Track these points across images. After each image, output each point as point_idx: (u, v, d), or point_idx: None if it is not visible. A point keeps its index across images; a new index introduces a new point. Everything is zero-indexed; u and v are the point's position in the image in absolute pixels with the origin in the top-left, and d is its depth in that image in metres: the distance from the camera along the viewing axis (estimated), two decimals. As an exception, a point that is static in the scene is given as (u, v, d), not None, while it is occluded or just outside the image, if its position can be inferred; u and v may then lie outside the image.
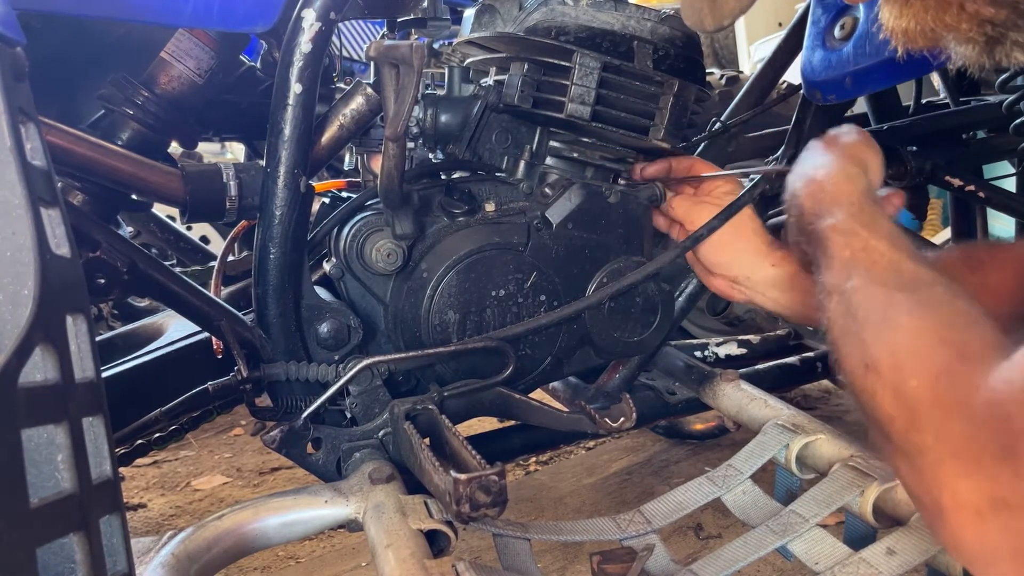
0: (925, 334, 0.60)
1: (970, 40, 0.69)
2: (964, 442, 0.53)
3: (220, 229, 2.86)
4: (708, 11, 0.76)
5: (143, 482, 2.19)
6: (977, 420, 0.53)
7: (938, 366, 0.57)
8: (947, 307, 0.63)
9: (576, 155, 1.08)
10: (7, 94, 0.51)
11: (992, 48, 0.68)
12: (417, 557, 0.75)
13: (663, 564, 0.92)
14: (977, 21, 0.67)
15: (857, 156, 0.89)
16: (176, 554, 0.77)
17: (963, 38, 0.69)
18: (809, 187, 0.86)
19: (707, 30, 0.79)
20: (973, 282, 0.91)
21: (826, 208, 0.80)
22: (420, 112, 1.04)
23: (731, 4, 0.74)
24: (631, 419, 0.96)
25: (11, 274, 0.48)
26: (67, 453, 0.50)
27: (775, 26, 4.66)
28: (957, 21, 0.67)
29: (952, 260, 0.94)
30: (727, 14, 0.75)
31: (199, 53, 1.13)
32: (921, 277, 0.67)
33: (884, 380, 0.60)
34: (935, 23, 0.69)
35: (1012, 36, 0.67)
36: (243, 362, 0.95)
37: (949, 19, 0.67)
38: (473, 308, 1.02)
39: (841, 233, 0.75)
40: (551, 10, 1.01)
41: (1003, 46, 0.68)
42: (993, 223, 2.00)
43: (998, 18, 0.66)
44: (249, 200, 1.00)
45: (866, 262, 0.71)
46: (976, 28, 0.67)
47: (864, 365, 0.62)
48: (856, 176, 0.85)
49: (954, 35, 0.69)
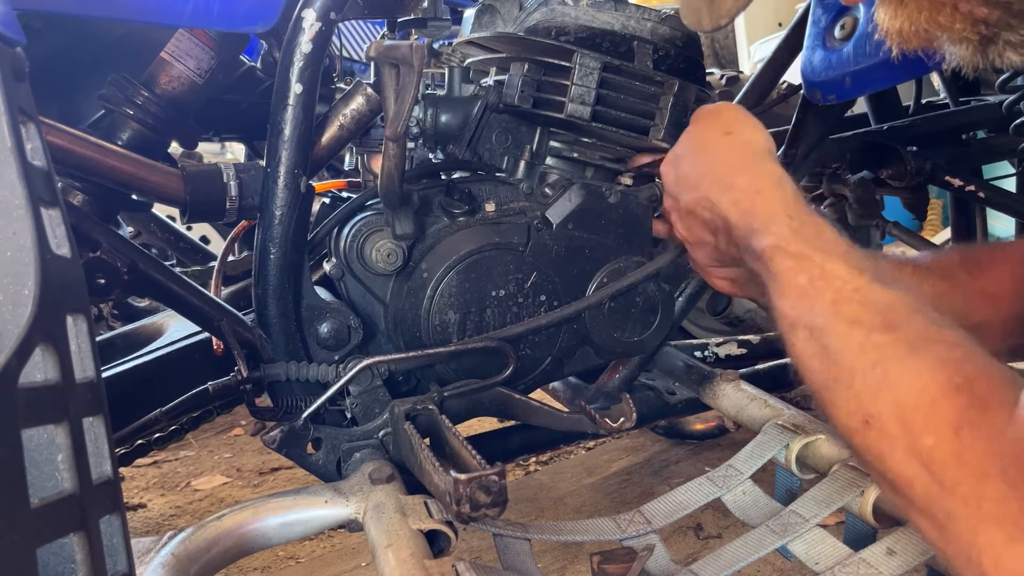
0: (928, 383, 0.56)
1: (964, 40, 0.69)
2: (1001, 505, 0.49)
3: (220, 229, 2.86)
4: (706, 11, 0.77)
5: (143, 482, 2.19)
6: (1011, 477, 0.49)
7: (953, 419, 0.53)
8: (938, 345, 0.58)
9: (576, 155, 1.08)
10: (7, 94, 0.51)
11: (986, 48, 0.68)
12: (417, 557, 0.75)
13: (663, 564, 0.92)
14: (971, 21, 0.67)
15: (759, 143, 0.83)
16: (176, 554, 0.77)
17: (957, 38, 0.69)
18: (730, 196, 0.79)
19: (705, 30, 0.80)
20: (972, 287, 0.91)
21: (760, 223, 0.75)
22: (420, 112, 1.04)
23: (728, 4, 0.74)
24: (631, 419, 0.96)
25: (11, 274, 0.48)
26: (67, 453, 0.50)
27: (775, 26, 4.66)
28: (951, 21, 0.67)
29: (950, 264, 0.94)
30: (724, 14, 0.75)
31: (199, 53, 1.13)
32: (894, 306, 0.63)
33: (892, 439, 0.56)
34: (929, 24, 0.69)
35: (1005, 36, 0.67)
36: (243, 362, 0.95)
37: (943, 19, 0.67)
38: (473, 308, 1.02)
39: (790, 256, 0.71)
40: (551, 10, 1.01)
41: (996, 46, 0.68)
42: (993, 223, 2.00)
43: (991, 18, 0.66)
44: (249, 200, 1.00)
45: (828, 292, 0.66)
46: (970, 28, 0.67)
47: (863, 421, 0.58)
48: (782, 178, 0.78)
49: (948, 35, 0.69)
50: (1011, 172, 1.83)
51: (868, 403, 0.58)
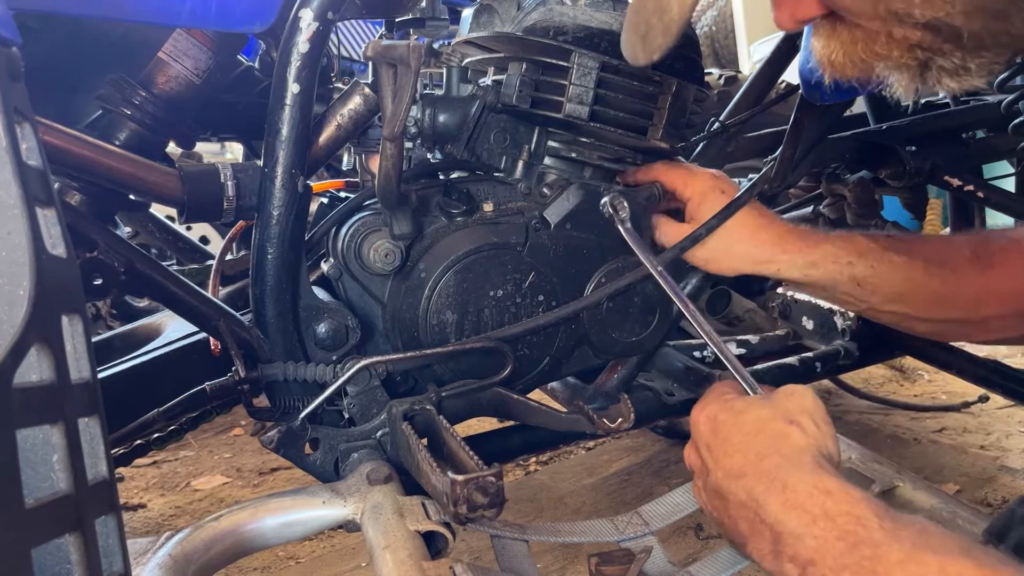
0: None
1: (902, 67, 0.68)
2: None
3: (219, 229, 2.86)
4: (640, 47, 0.78)
5: (143, 482, 2.19)
6: None
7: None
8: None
9: (574, 155, 1.07)
10: (3, 94, 0.51)
11: (923, 73, 0.67)
12: (415, 558, 0.75)
13: (661, 566, 0.92)
14: (907, 47, 0.66)
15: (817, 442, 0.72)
16: (173, 555, 0.77)
17: (894, 65, 0.68)
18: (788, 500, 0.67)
19: (640, 63, 0.80)
20: (982, 282, 0.91)
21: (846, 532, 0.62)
22: (418, 112, 1.04)
23: (659, 40, 0.74)
24: (629, 420, 0.96)
25: (6, 274, 0.48)
26: (63, 453, 0.50)
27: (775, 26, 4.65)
28: (888, 50, 0.66)
29: (961, 258, 0.94)
30: (656, 48, 0.75)
31: (197, 53, 1.13)
32: None
33: None
34: (866, 53, 0.68)
35: (938, 62, 0.66)
36: (241, 362, 0.95)
37: (879, 48, 0.67)
38: (471, 308, 1.02)
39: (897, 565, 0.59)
40: (549, 10, 1.01)
41: (931, 72, 0.67)
42: (992, 223, 2.00)
43: (925, 42, 0.65)
44: (247, 200, 1.00)
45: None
46: (907, 54, 0.66)
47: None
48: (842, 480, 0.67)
49: (884, 63, 0.68)
50: (1011, 172, 1.83)
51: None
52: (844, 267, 0.99)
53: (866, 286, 0.99)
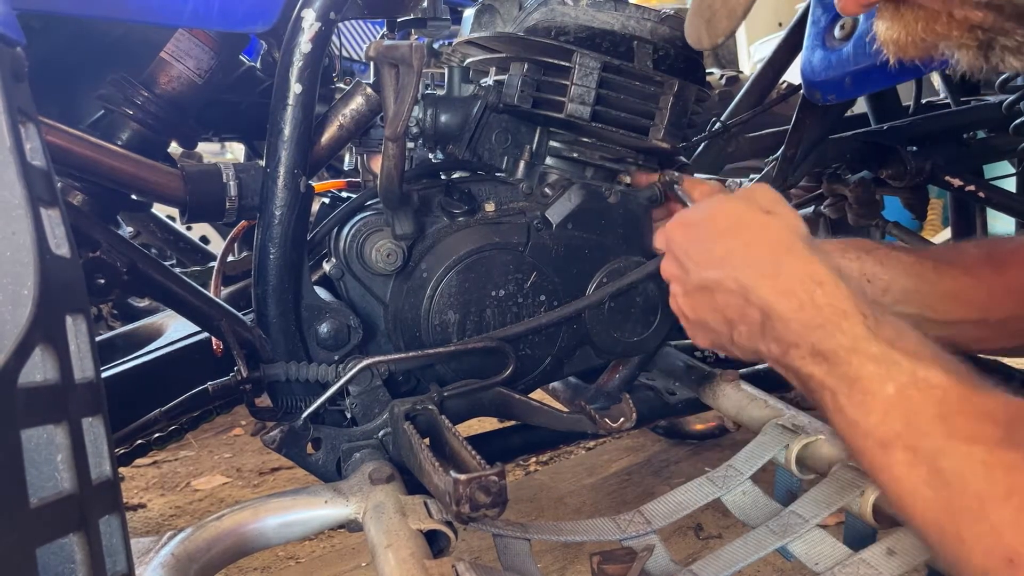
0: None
1: (963, 46, 0.68)
2: None
3: (220, 229, 2.86)
4: (705, 31, 0.82)
5: (143, 482, 2.19)
6: None
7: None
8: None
9: (576, 155, 1.07)
10: (7, 94, 0.51)
11: (986, 53, 0.68)
12: (417, 557, 0.75)
13: (663, 564, 0.92)
14: (967, 27, 0.66)
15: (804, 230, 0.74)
16: (176, 554, 0.77)
17: (955, 45, 0.69)
18: (776, 283, 0.70)
19: (704, 47, 0.85)
20: (996, 282, 0.90)
21: (827, 319, 0.66)
22: (420, 112, 1.04)
23: (723, 24, 0.78)
24: (631, 419, 0.96)
25: (11, 274, 0.48)
26: (67, 453, 0.50)
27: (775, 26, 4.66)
28: (948, 29, 0.67)
29: (974, 258, 0.93)
30: (721, 32, 0.80)
31: (199, 53, 1.13)
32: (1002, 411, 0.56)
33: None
34: (926, 33, 0.68)
35: (1001, 41, 0.66)
36: (243, 362, 0.95)
37: (940, 28, 0.67)
38: (473, 308, 1.02)
39: (870, 360, 0.63)
40: (551, 10, 1.01)
41: (995, 51, 0.67)
42: (993, 223, 2.00)
43: (986, 23, 0.65)
44: (249, 200, 1.00)
45: (930, 405, 0.58)
46: (967, 34, 0.67)
47: (1007, 560, 0.51)
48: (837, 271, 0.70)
49: (946, 43, 0.69)
50: (1011, 172, 1.83)
51: (1011, 538, 0.51)
52: (853, 261, 0.97)
53: (876, 282, 0.97)
